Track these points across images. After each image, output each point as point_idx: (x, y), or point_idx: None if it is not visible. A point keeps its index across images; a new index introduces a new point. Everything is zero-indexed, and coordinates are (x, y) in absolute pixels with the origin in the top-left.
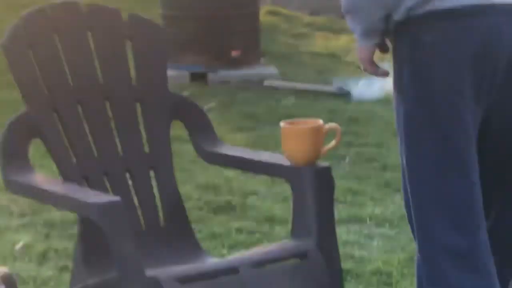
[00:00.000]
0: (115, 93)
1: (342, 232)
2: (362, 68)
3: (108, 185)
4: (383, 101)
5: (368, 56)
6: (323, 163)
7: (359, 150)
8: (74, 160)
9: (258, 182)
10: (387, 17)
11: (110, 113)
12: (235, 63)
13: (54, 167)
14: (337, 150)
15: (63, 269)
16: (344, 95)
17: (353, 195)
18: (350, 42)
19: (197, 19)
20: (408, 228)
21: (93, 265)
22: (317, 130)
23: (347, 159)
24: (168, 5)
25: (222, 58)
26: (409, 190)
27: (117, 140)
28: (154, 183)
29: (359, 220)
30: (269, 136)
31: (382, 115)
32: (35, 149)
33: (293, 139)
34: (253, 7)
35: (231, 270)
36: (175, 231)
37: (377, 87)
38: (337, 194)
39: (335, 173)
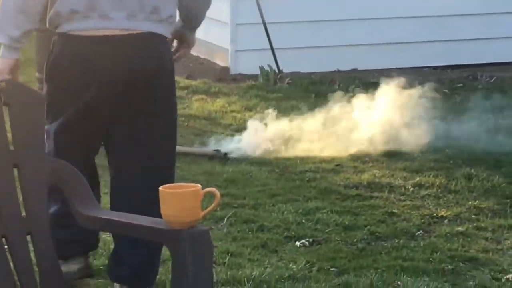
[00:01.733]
0: None
1: None
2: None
3: None
4: (258, 162)
5: (7, 68)
6: (201, 226)
7: (236, 211)
8: None
9: None
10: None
11: None
12: None
13: None
14: (215, 212)
15: None
16: (220, 157)
17: (231, 257)
18: (226, 105)
19: None
20: None
21: None
22: (195, 194)
23: (224, 221)
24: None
25: None
26: None
27: None
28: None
29: (237, 282)
30: None
31: (258, 176)
32: None
33: (171, 203)
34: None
35: None
36: None
37: (252, 148)
38: (216, 256)
39: (213, 235)
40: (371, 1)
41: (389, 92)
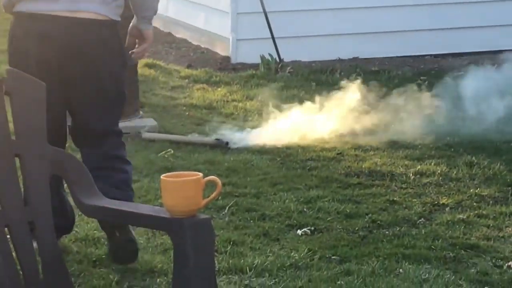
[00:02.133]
0: None
1: (222, 283)
2: None
3: None
4: (260, 151)
5: None
6: (203, 215)
7: (238, 200)
8: None
9: (138, 234)
10: None
11: None
12: None
13: None
14: (216, 201)
15: None
16: (222, 146)
17: (232, 246)
18: (227, 94)
19: None
20: (287, 277)
21: None
22: (197, 182)
23: (226, 210)
24: None
25: None
26: None
27: None
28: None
29: (239, 270)
30: (149, 188)
31: (259, 165)
32: None
33: (173, 192)
34: (131, 60)
35: None
36: (54, 285)
37: (253, 137)
38: (217, 244)
39: (215, 224)
40: None
41: (391, 81)
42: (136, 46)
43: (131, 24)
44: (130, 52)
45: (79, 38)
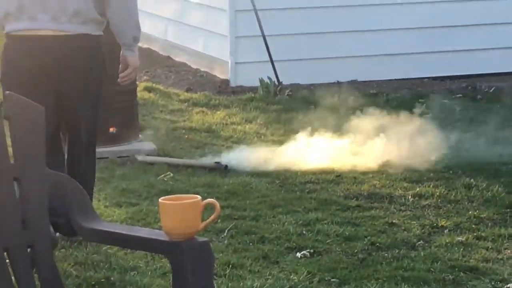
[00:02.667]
0: None
1: None
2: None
3: None
4: (259, 173)
5: None
6: (202, 238)
7: (237, 223)
8: None
9: (138, 257)
10: None
11: None
12: (113, 139)
13: None
14: (215, 224)
15: None
16: (221, 169)
17: (231, 269)
18: (227, 117)
19: None
20: None
21: None
22: (195, 205)
23: (225, 233)
24: None
25: (99, 135)
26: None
27: None
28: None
29: None
30: (148, 212)
31: (258, 187)
32: None
33: (171, 215)
34: (131, 84)
35: None
36: None
37: (252, 160)
38: (217, 267)
39: (214, 247)
40: (370, 12)
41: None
42: None
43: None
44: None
45: (62, 54)
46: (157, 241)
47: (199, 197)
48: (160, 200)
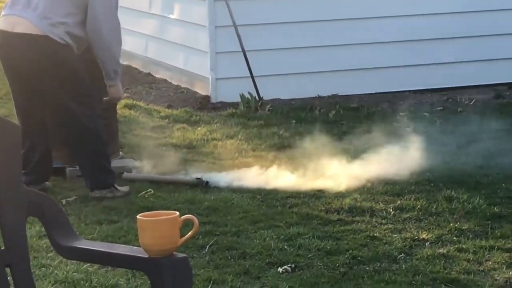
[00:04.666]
0: None
1: None
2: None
3: None
4: (240, 189)
5: None
6: (180, 254)
7: (218, 239)
8: None
9: (119, 275)
10: None
11: None
12: None
13: None
14: (196, 240)
15: None
16: (202, 185)
17: (213, 285)
18: (207, 133)
19: None
20: None
21: None
22: (173, 221)
23: (206, 249)
24: None
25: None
26: None
27: None
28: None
29: None
30: (129, 229)
31: (239, 203)
32: None
33: (149, 231)
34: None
35: None
36: None
37: (233, 176)
38: (198, 284)
39: (195, 263)
40: (350, 27)
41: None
42: None
43: None
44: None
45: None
46: (136, 258)
47: (177, 213)
48: (138, 216)
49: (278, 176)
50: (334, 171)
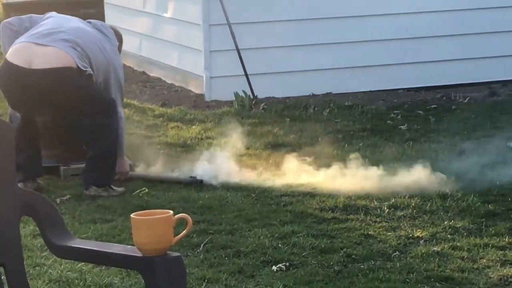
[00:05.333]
0: None
1: None
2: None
3: None
4: (234, 187)
5: None
6: (174, 253)
7: (212, 237)
8: None
9: (113, 274)
10: None
11: None
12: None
13: None
14: (191, 239)
15: None
16: (196, 183)
17: (207, 283)
18: (202, 132)
19: None
20: None
21: None
22: (167, 220)
23: (201, 247)
24: None
25: (74, 152)
26: None
27: None
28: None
29: None
30: (123, 228)
31: (234, 201)
32: None
33: (143, 230)
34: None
35: None
36: None
37: (228, 174)
38: (192, 282)
39: (189, 262)
40: (343, 25)
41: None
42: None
43: None
44: None
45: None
46: (130, 257)
47: (171, 211)
48: (132, 215)
49: (273, 175)
50: (327, 170)
